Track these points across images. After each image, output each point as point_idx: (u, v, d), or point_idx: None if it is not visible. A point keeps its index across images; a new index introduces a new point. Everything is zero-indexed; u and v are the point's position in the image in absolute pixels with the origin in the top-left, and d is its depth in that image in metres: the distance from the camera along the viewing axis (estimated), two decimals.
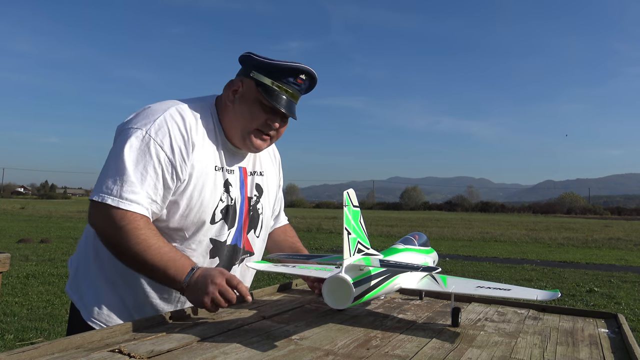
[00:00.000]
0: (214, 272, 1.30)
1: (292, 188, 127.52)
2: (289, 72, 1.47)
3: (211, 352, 0.99)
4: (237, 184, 1.56)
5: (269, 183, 1.71)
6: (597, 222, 40.13)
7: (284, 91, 1.47)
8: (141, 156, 1.37)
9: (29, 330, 4.74)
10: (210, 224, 1.49)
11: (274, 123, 1.50)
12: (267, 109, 1.48)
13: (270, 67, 1.46)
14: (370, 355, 1.04)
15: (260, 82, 1.47)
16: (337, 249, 12.42)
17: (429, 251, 1.70)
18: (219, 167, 1.51)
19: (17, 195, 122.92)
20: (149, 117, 1.43)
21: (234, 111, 1.51)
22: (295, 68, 1.47)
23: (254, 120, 1.49)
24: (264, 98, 1.46)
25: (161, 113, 1.44)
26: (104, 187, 1.35)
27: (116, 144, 1.42)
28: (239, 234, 1.57)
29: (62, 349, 0.97)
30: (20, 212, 30.00)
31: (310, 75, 1.51)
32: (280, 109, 1.46)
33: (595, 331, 1.37)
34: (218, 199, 1.49)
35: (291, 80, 1.48)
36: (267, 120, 1.49)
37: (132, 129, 1.40)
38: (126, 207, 1.33)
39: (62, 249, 11.28)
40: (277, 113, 1.49)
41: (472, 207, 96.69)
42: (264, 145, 1.55)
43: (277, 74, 1.46)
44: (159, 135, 1.40)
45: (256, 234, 1.64)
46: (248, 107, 1.49)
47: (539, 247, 16.25)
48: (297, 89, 1.50)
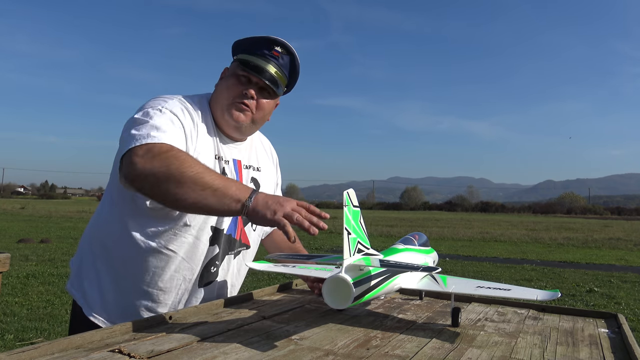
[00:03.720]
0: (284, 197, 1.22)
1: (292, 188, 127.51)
2: (262, 43, 1.51)
3: (211, 352, 0.99)
4: (233, 174, 1.57)
5: (266, 179, 1.71)
6: (597, 222, 40.14)
7: (262, 64, 1.50)
8: (163, 117, 1.38)
9: (29, 330, 4.74)
10: None
11: (248, 90, 1.51)
12: (242, 79, 1.51)
13: (245, 41, 1.53)
14: (370, 355, 1.04)
15: (240, 59, 1.52)
16: (337, 249, 12.42)
17: (429, 251, 1.70)
18: (217, 155, 1.53)
19: (17, 195, 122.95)
20: (159, 100, 1.46)
21: (216, 92, 1.57)
22: (266, 38, 1.51)
23: (230, 92, 1.52)
24: (239, 69, 1.51)
25: (170, 98, 1.48)
26: (137, 136, 1.29)
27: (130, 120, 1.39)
28: (234, 224, 1.58)
29: (62, 349, 0.97)
30: (20, 212, 30.01)
31: (285, 48, 1.53)
32: (254, 74, 1.48)
33: (595, 331, 1.37)
34: None
35: (266, 53, 1.51)
36: (242, 90, 1.51)
37: (145, 110, 1.40)
38: (167, 139, 1.30)
39: (62, 249, 11.29)
40: (253, 83, 1.51)
41: (472, 207, 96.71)
42: (242, 117, 1.52)
43: (252, 47, 1.51)
44: (174, 108, 1.44)
45: (253, 227, 1.65)
46: (225, 82, 1.54)
47: (539, 247, 16.25)
48: (275, 62, 1.52)
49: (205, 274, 1.53)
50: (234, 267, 1.63)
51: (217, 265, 1.56)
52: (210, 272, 1.54)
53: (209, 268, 1.54)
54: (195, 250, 1.49)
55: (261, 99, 1.54)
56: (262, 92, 1.53)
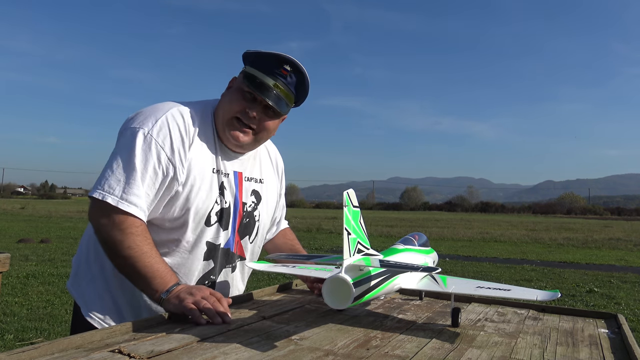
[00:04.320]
0: (198, 286, 1.33)
1: (292, 188, 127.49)
2: (272, 60, 1.46)
3: (211, 352, 0.99)
4: (232, 187, 1.55)
5: (268, 191, 1.69)
6: (597, 223, 40.14)
7: (269, 81, 1.45)
8: (143, 156, 1.38)
9: (29, 330, 4.74)
10: (205, 226, 1.49)
11: (252, 111, 1.47)
12: (247, 95, 1.47)
13: (254, 55, 1.48)
14: (370, 355, 1.04)
15: (247, 73, 1.48)
16: (337, 249, 12.42)
17: (429, 251, 1.70)
18: (215, 169, 1.51)
19: (17, 195, 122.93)
20: (150, 117, 1.44)
21: (220, 102, 1.54)
22: (276, 55, 1.46)
23: (232, 107, 1.48)
24: (245, 85, 1.47)
25: (162, 113, 1.44)
26: (106, 185, 1.35)
27: (118, 143, 1.43)
28: (232, 238, 1.57)
29: (62, 349, 0.97)
30: (20, 212, 30.00)
31: (295, 67, 1.48)
32: (259, 95, 1.44)
33: (595, 331, 1.37)
34: (213, 202, 1.49)
35: (275, 71, 1.46)
36: (245, 108, 1.47)
37: (135, 129, 1.41)
38: (125, 208, 1.34)
39: (62, 249, 11.28)
40: (257, 101, 1.47)
41: (472, 208, 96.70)
42: (243, 137, 1.50)
43: (261, 63, 1.47)
44: (160, 136, 1.41)
45: (250, 240, 1.64)
46: (229, 94, 1.52)
47: (539, 248, 16.25)
48: (283, 81, 1.47)
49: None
50: (233, 279, 1.62)
51: (213, 279, 1.55)
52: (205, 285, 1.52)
53: (202, 282, 1.53)
54: (189, 265, 1.49)
55: (265, 119, 1.50)
56: (266, 111, 1.49)
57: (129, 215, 1.34)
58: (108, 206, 1.34)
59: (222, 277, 1.58)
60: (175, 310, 1.25)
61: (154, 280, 1.31)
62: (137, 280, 1.34)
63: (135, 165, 1.37)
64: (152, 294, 1.32)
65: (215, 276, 1.56)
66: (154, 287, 1.31)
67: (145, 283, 1.32)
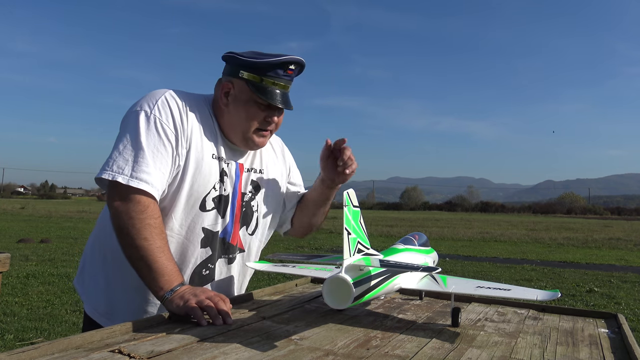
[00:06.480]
0: (203, 288, 1.33)
1: None
2: (279, 67, 1.48)
3: (211, 352, 0.99)
4: (232, 176, 1.56)
5: (269, 181, 1.69)
6: (597, 222, 40.14)
7: (276, 85, 1.48)
8: (149, 134, 1.39)
9: (29, 330, 4.74)
10: (200, 211, 1.49)
11: (272, 118, 1.52)
12: (263, 106, 1.50)
13: (259, 64, 1.47)
14: (370, 355, 1.04)
15: (250, 82, 1.47)
16: (337, 249, 12.42)
17: (429, 251, 1.70)
18: (216, 156, 1.52)
19: (17, 195, 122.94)
20: (150, 99, 1.46)
21: (229, 114, 1.52)
22: (284, 62, 1.48)
23: (253, 120, 1.50)
24: (258, 97, 1.48)
25: (161, 94, 1.47)
26: (114, 166, 1.35)
27: (123, 127, 1.44)
28: (230, 227, 1.56)
29: (62, 349, 0.97)
30: (20, 212, 30.01)
31: (299, 64, 1.52)
32: (277, 105, 1.48)
33: (595, 331, 1.37)
34: (211, 187, 1.49)
35: (281, 73, 1.48)
36: (265, 117, 1.52)
37: (137, 111, 1.43)
38: (137, 185, 1.33)
39: (62, 249, 11.29)
40: (274, 108, 1.51)
41: (472, 207, 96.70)
42: (265, 141, 1.58)
43: (266, 70, 1.47)
44: (162, 115, 1.43)
45: (249, 231, 1.63)
46: (244, 109, 1.50)
47: (539, 247, 16.25)
48: (287, 80, 1.51)
49: (196, 276, 1.51)
50: (232, 271, 1.61)
51: (211, 268, 1.54)
52: (202, 274, 1.52)
53: (200, 270, 1.52)
54: (185, 252, 1.49)
55: (279, 119, 1.56)
56: (280, 113, 1.56)
57: (142, 194, 1.34)
58: (120, 186, 1.34)
59: (220, 266, 1.57)
60: (177, 311, 1.25)
61: (162, 277, 1.31)
62: (145, 273, 1.33)
63: (142, 144, 1.38)
64: (157, 291, 1.31)
65: (213, 264, 1.55)
66: (160, 284, 1.30)
67: (152, 278, 1.31)
